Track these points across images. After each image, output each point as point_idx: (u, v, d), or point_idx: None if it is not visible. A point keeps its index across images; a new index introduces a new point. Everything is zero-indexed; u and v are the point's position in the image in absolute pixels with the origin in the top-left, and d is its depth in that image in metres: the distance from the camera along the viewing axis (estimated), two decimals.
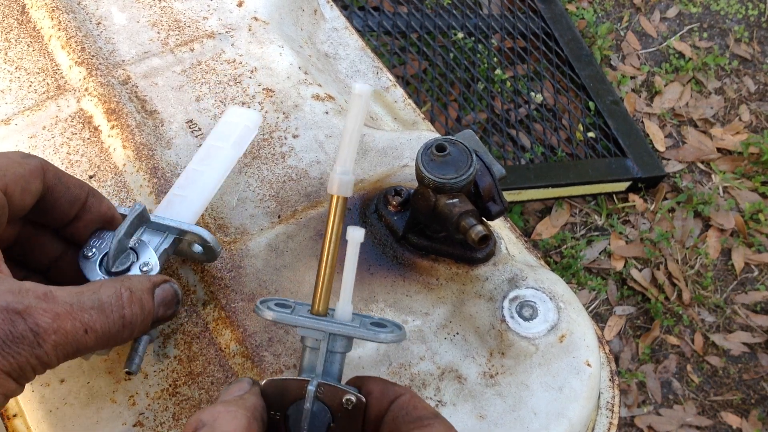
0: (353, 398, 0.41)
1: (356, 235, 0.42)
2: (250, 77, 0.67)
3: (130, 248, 0.50)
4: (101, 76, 0.64)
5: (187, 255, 0.54)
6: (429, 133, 0.67)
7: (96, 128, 0.63)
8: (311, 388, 0.41)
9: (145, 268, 0.49)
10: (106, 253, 0.49)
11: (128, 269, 0.49)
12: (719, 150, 2.11)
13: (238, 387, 0.42)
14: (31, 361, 0.37)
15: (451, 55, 2.01)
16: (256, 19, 0.72)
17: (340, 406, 0.41)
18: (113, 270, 0.49)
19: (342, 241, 0.43)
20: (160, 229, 0.52)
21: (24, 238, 0.48)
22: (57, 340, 0.38)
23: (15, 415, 0.53)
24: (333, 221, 0.43)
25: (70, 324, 0.38)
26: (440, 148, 0.50)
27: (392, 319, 0.47)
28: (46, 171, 0.46)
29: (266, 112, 0.65)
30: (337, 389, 0.41)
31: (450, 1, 2.16)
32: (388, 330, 0.43)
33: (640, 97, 2.20)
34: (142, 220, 0.51)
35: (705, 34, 2.36)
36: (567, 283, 0.57)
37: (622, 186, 1.96)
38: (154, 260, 0.50)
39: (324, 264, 0.43)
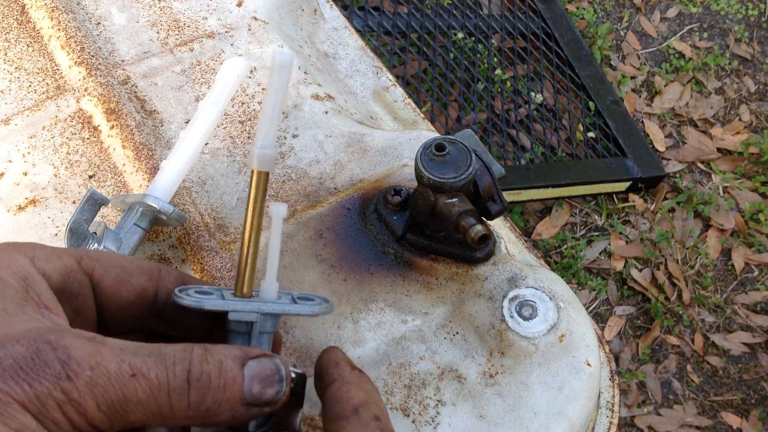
0: (293, 374, 0.40)
1: (279, 210, 0.40)
2: (249, 77, 0.67)
3: (93, 233, 0.50)
4: (101, 76, 0.64)
5: (166, 223, 0.55)
6: (428, 133, 0.67)
7: (95, 128, 0.63)
8: None
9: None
10: None
11: None
12: (719, 150, 2.11)
13: None
14: (54, 394, 0.30)
15: (451, 55, 2.01)
16: (255, 18, 0.72)
17: None
18: None
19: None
20: (133, 207, 0.53)
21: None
22: (94, 377, 0.30)
23: None
24: (254, 199, 0.40)
25: (115, 363, 0.31)
26: (439, 147, 0.50)
27: (318, 294, 0.46)
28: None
29: None
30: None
31: (450, 1, 2.16)
32: (316, 303, 0.42)
33: (640, 97, 2.20)
34: (96, 203, 0.51)
35: (705, 34, 2.36)
36: (567, 283, 0.57)
37: (622, 186, 1.96)
38: (112, 243, 0.49)
39: (246, 244, 0.40)
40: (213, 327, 0.42)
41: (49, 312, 0.34)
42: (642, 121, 2.14)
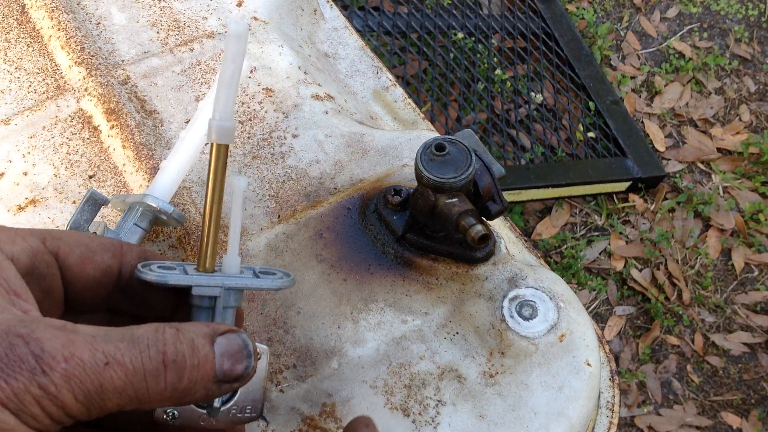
0: (259, 349, 0.40)
1: (240, 183, 0.40)
2: (249, 77, 0.67)
3: (93, 233, 0.50)
4: (101, 76, 0.64)
5: (166, 223, 0.55)
6: (429, 133, 0.67)
7: (96, 128, 0.63)
8: None
9: None
10: None
11: None
12: (719, 150, 2.11)
13: None
14: (31, 389, 0.30)
15: (451, 55, 2.01)
16: (255, 18, 0.72)
17: None
18: None
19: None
20: (133, 207, 0.53)
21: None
22: (69, 369, 0.30)
23: None
24: (214, 172, 0.40)
25: (88, 353, 0.31)
26: (439, 147, 0.51)
27: (279, 268, 0.46)
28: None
29: (266, 112, 0.65)
30: None
31: (450, 1, 2.16)
32: (278, 277, 0.42)
33: (640, 97, 2.20)
34: (96, 203, 0.51)
35: (705, 34, 2.36)
36: (567, 283, 0.57)
37: (622, 186, 1.96)
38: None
39: (208, 218, 0.40)
40: (178, 302, 0.42)
41: (18, 298, 0.34)
42: (642, 121, 2.14)
